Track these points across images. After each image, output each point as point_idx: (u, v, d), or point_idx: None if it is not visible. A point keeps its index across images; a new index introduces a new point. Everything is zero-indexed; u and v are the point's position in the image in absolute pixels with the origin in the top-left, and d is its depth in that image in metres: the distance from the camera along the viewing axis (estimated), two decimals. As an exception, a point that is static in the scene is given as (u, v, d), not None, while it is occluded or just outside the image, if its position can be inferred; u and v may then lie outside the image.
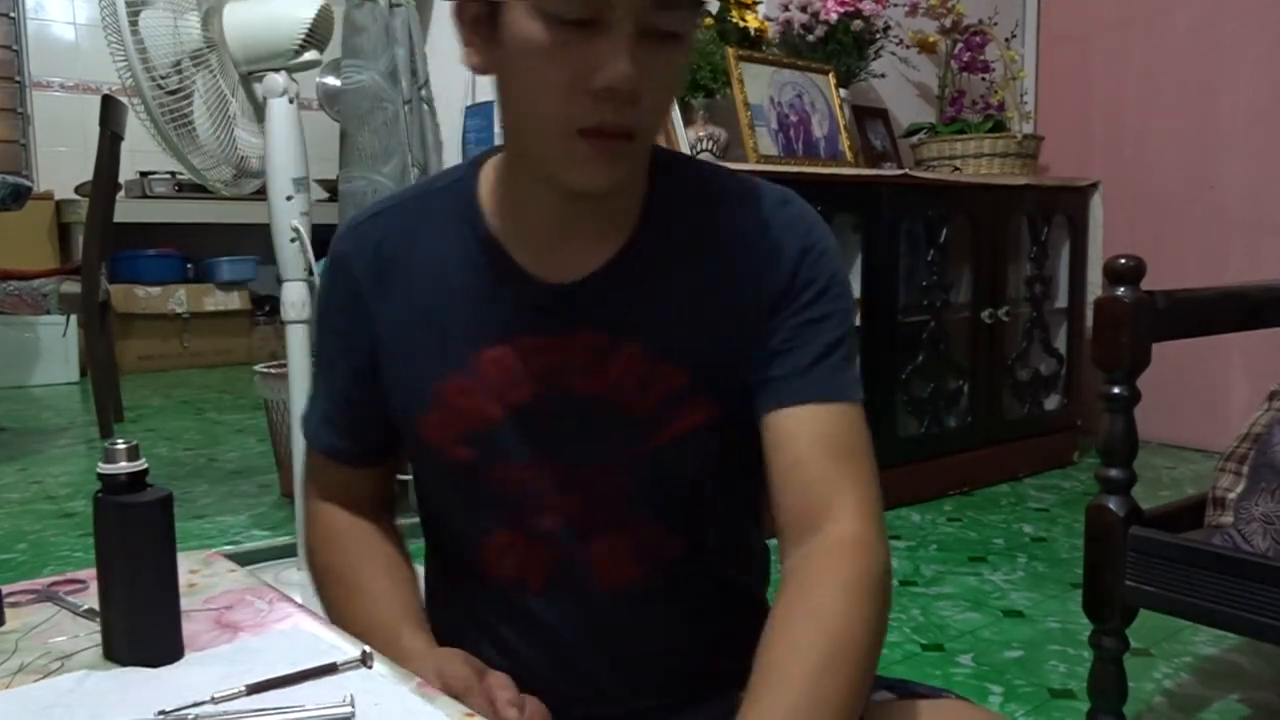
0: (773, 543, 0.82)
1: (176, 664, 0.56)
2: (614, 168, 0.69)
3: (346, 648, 0.57)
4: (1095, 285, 3.12)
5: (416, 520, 0.87)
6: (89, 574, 0.70)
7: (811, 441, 0.74)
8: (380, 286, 0.79)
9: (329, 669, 0.54)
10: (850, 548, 0.71)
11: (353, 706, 0.49)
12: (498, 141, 2.67)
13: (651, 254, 0.76)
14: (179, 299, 4.96)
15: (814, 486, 0.73)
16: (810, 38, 2.80)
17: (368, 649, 0.55)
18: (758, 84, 2.60)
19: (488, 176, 0.79)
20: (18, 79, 4.82)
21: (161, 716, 0.49)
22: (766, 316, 0.76)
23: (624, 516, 0.78)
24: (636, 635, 0.80)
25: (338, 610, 0.80)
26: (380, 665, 0.54)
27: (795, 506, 0.73)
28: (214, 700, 0.51)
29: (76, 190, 4.54)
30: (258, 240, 3.60)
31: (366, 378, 0.81)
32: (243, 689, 0.51)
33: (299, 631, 0.60)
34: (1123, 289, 1.25)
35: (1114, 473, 1.29)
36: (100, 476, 0.61)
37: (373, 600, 0.79)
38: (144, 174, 4.74)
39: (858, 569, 0.70)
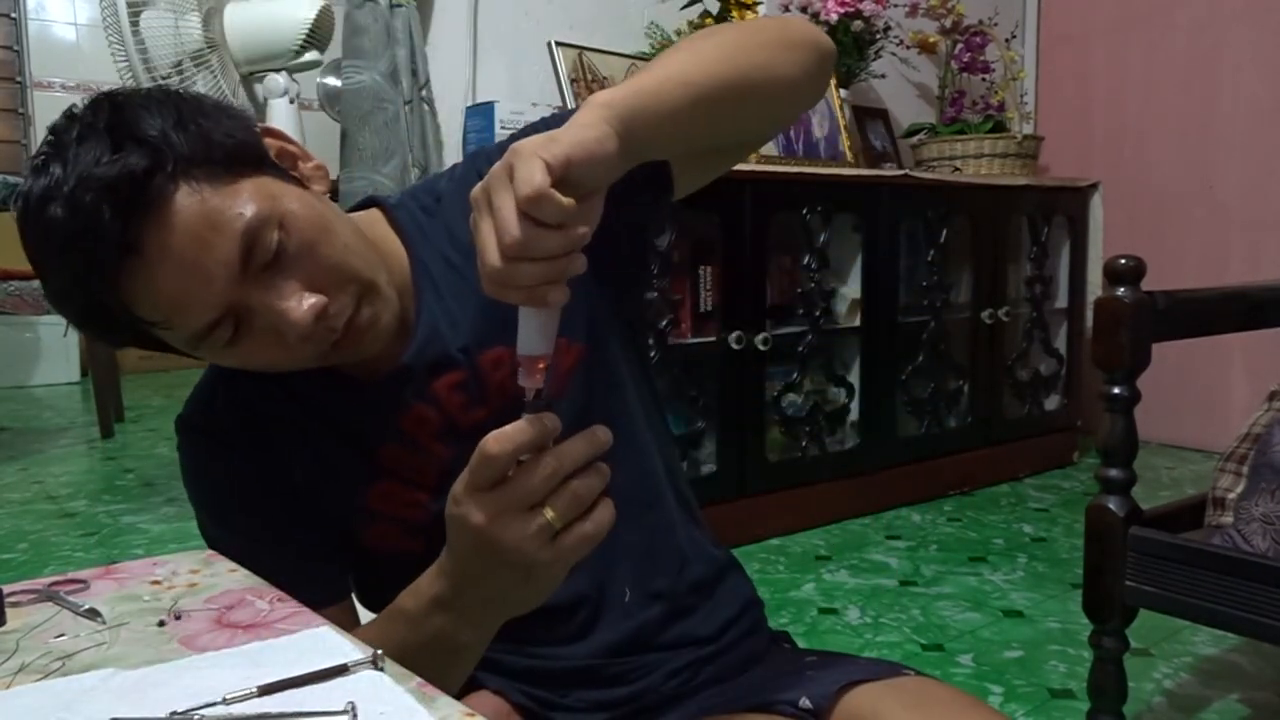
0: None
1: (197, 664, 0.56)
2: (375, 328, 0.72)
3: (357, 648, 0.57)
4: (1095, 285, 3.13)
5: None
6: (90, 574, 0.70)
7: None
8: (261, 444, 0.79)
9: (340, 670, 0.54)
10: None
11: (354, 714, 0.49)
12: (498, 140, 2.64)
13: (428, 284, 0.78)
14: (179, 299, 4.95)
15: None
16: (810, 38, 2.79)
17: (379, 650, 0.55)
18: (758, 84, 2.60)
19: None
20: (19, 79, 4.82)
21: (173, 716, 0.49)
22: None
23: None
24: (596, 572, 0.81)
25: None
26: (388, 666, 0.55)
27: None
28: (225, 701, 0.51)
29: (77, 190, 4.54)
30: (258, 240, 3.60)
31: (299, 513, 0.80)
32: (254, 690, 0.52)
33: (316, 633, 0.60)
34: (1123, 289, 1.25)
35: (1114, 473, 1.29)
36: None
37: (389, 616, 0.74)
38: (145, 174, 4.74)
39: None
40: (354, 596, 0.86)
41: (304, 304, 0.67)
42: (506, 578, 0.61)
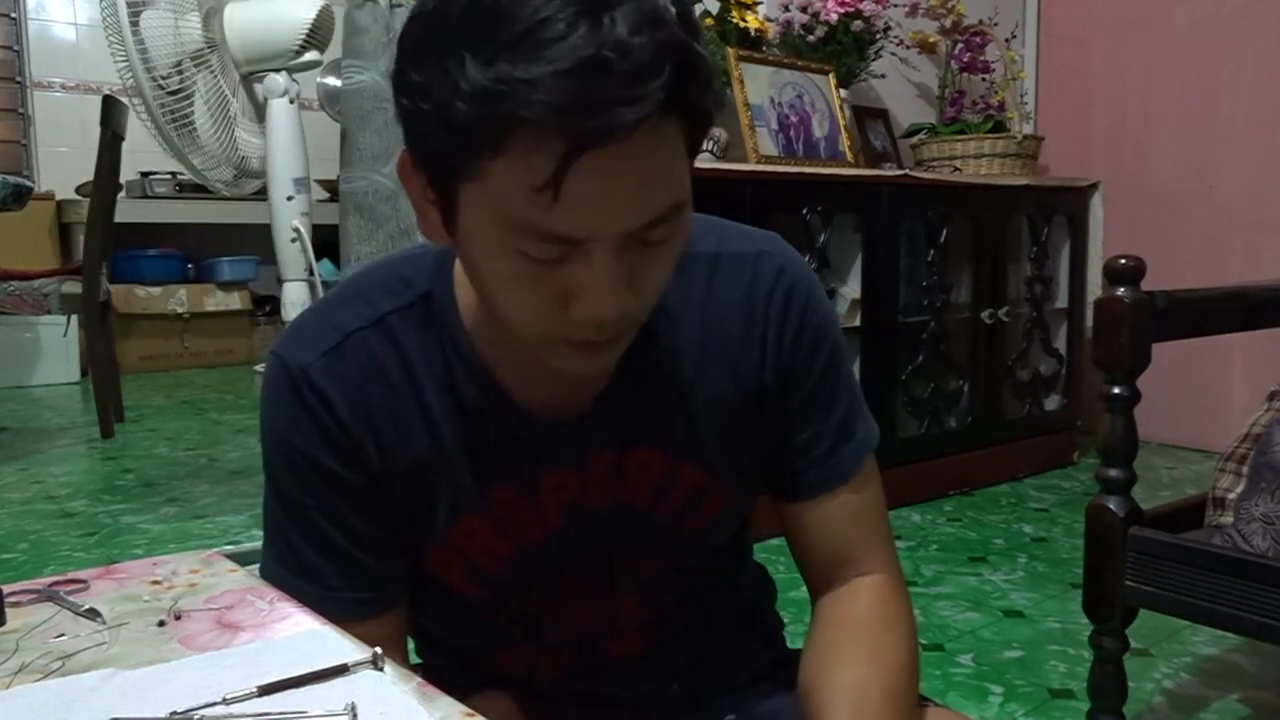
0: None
1: (197, 664, 0.56)
2: (607, 357, 0.63)
3: (358, 649, 0.57)
4: (1095, 285, 3.12)
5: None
6: (90, 574, 0.70)
7: (839, 513, 0.78)
8: (370, 427, 0.69)
9: (340, 670, 0.54)
10: (888, 593, 0.78)
11: (354, 714, 0.49)
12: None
13: (648, 357, 0.71)
14: (180, 299, 4.96)
15: (843, 543, 0.78)
16: (810, 38, 2.80)
17: (379, 650, 0.55)
18: (758, 84, 2.60)
19: (464, 293, 0.69)
20: (18, 79, 4.82)
21: (173, 716, 0.49)
22: (776, 398, 0.75)
23: (647, 610, 0.79)
24: (647, 677, 0.82)
25: None
26: (388, 666, 0.55)
27: (825, 558, 0.79)
28: (225, 701, 0.51)
29: (77, 190, 4.54)
30: (258, 240, 3.60)
31: (371, 515, 0.71)
32: (254, 690, 0.52)
33: (316, 633, 0.60)
34: (1123, 289, 1.26)
35: (1114, 473, 1.29)
36: None
37: None
38: (145, 174, 4.74)
39: (901, 611, 0.77)
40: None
41: (619, 298, 0.57)
42: None
